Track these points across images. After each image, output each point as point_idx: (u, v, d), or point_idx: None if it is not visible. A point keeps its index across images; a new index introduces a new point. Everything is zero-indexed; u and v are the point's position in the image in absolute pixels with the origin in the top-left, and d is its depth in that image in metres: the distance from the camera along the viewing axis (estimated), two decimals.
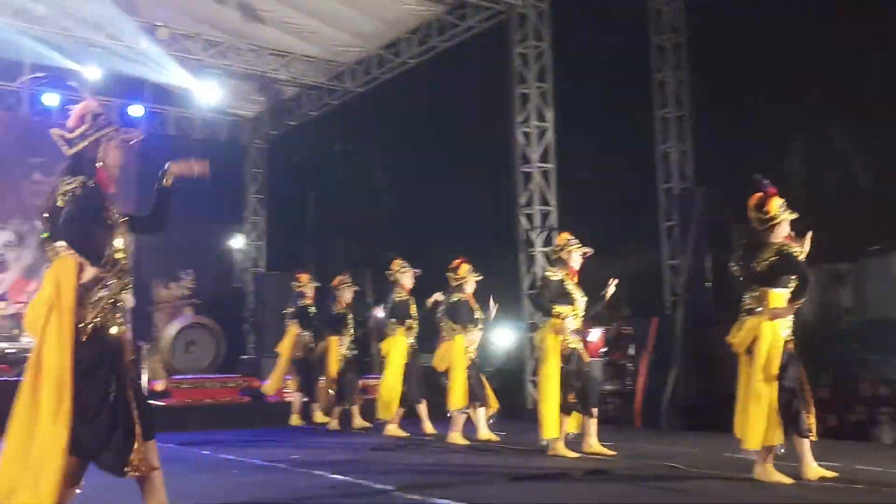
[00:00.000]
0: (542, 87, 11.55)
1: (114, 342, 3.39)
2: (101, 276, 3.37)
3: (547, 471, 6.05)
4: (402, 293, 8.90)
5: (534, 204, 11.34)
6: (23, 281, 14.35)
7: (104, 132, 3.50)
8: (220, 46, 13.46)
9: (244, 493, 5.24)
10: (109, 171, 3.51)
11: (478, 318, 8.15)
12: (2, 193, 14.40)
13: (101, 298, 3.37)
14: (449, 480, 5.79)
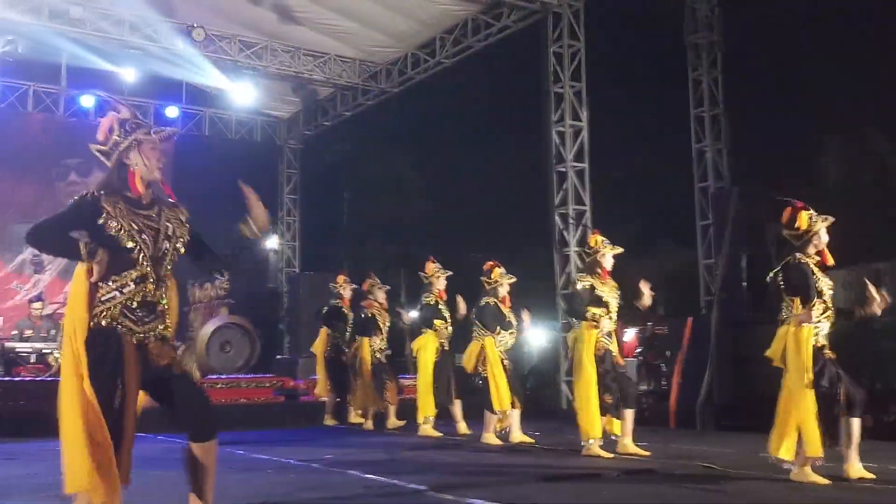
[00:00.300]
0: (576, 87, 11.49)
1: (124, 346, 3.39)
2: (111, 279, 3.39)
3: (581, 471, 6.00)
4: (432, 295, 8.92)
5: (568, 203, 11.27)
6: (59, 282, 14.59)
7: (133, 137, 3.52)
8: (256, 48, 13.56)
9: (278, 493, 5.26)
10: (147, 175, 3.53)
11: (508, 321, 8.10)
12: (39, 194, 14.65)
13: (111, 300, 3.39)
14: (482, 480, 5.77)
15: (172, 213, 3.60)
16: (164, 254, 3.50)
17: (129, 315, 3.41)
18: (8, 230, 14.42)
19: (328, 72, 14.27)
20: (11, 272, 14.36)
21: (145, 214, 3.49)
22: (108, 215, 3.39)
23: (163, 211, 3.57)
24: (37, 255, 14.50)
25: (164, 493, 3.39)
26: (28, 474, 5.90)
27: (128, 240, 3.39)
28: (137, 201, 3.50)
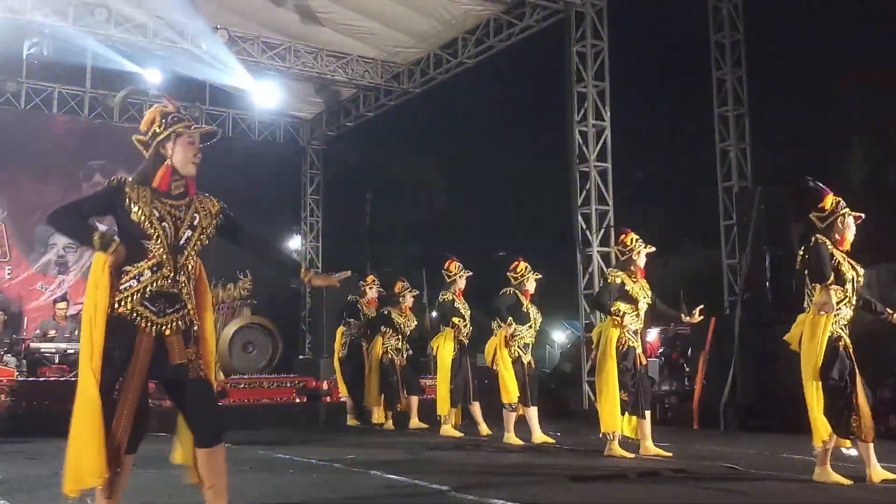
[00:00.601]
0: (599, 86, 11.44)
1: (138, 335, 3.41)
2: (129, 266, 3.41)
3: (603, 471, 5.97)
4: (450, 293, 8.91)
5: (591, 203, 11.22)
6: (83, 282, 14.66)
7: (172, 129, 3.55)
8: (279, 49, 13.62)
9: (300, 493, 5.27)
10: (182, 168, 3.55)
11: (527, 315, 8.06)
12: (64, 195, 14.74)
13: (129, 289, 3.41)
14: (505, 481, 5.75)
15: (202, 205, 3.63)
16: (185, 243, 3.51)
17: (147, 305, 3.42)
18: (33, 231, 14.59)
19: (351, 72, 14.29)
20: (36, 273, 14.51)
21: (172, 204, 3.52)
22: (129, 201, 3.42)
23: (193, 202, 3.60)
24: (62, 255, 14.66)
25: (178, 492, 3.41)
26: (51, 473, 5.94)
27: (147, 226, 3.41)
28: (166, 191, 3.53)
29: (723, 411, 9.34)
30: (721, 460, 6.40)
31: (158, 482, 4.85)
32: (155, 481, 4.89)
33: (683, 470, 5.98)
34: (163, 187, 3.53)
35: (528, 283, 8.08)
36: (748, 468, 5.97)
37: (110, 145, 14.69)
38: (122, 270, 3.41)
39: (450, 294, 8.92)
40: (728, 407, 9.32)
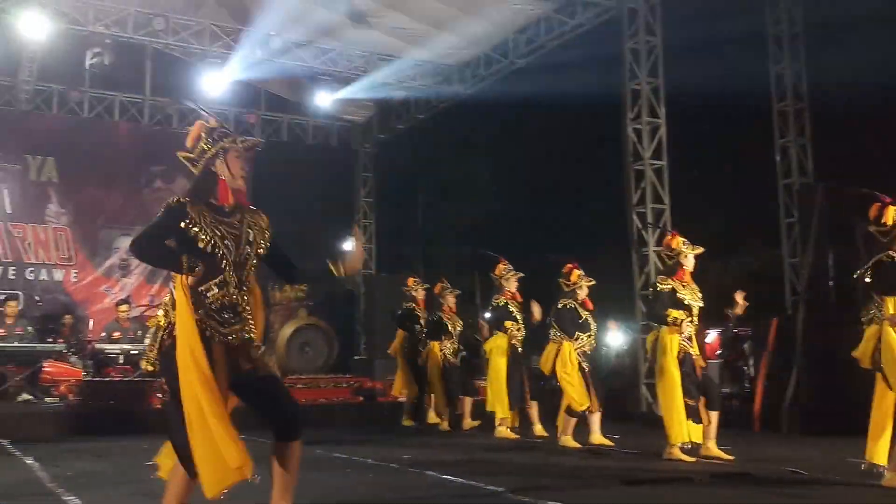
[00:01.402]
0: (653, 83, 11.30)
1: (212, 348, 3.44)
2: (199, 284, 3.47)
3: (662, 475, 5.89)
4: (501, 297, 8.89)
5: (646, 202, 11.09)
6: (145, 285, 15.09)
7: (220, 145, 3.60)
8: (332, 53, 13.75)
9: (357, 492, 5.32)
10: (231, 182, 3.61)
11: (587, 324, 8.01)
12: (126, 200, 15.15)
13: (201, 304, 3.46)
14: (561, 483, 5.72)
15: (254, 220, 3.66)
16: (245, 259, 3.57)
17: (214, 317, 3.48)
18: (97, 236, 14.96)
19: (402, 75, 14.35)
20: (100, 276, 14.88)
21: (228, 221, 3.57)
22: (192, 221, 3.47)
23: (245, 217, 3.64)
24: (124, 259, 15.01)
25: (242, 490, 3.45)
26: (116, 471, 6.09)
27: (211, 246, 3.47)
28: (220, 208, 3.58)
29: (785, 414, 9.15)
30: (783, 464, 6.27)
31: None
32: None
33: (744, 473, 5.87)
34: (224, 202, 3.59)
35: (581, 291, 8.02)
36: (812, 473, 5.84)
37: (170, 151, 14.92)
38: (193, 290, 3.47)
39: (503, 298, 8.90)
40: (791, 409, 9.13)
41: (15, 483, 5.48)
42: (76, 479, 5.55)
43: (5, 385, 10.67)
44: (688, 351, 6.66)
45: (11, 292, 12.98)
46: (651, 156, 11.18)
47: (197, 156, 3.62)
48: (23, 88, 14.32)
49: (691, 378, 6.62)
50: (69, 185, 14.77)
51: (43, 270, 14.43)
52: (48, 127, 14.84)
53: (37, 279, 14.32)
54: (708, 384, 6.78)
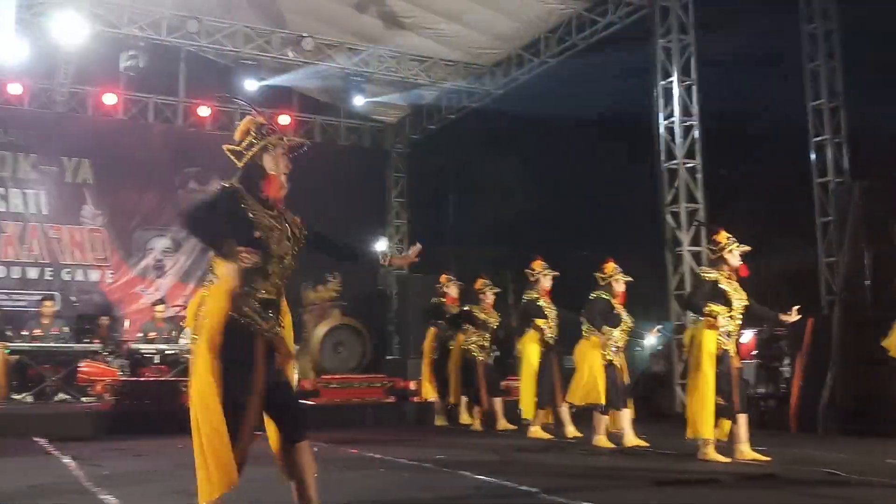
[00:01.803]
0: (686, 81, 11.22)
1: (256, 343, 3.48)
2: (247, 275, 3.48)
3: (696, 475, 5.84)
4: (534, 294, 8.85)
5: (680, 201, 11.00)
6: (180, 285, 15.23)
7: (267, 140, 3.63)
8: (363, 54, 13.79)
9: (390, 492, 5.33)
10: (276, 179, 3.64)
11: (619, 318, 7.94)
12: (160, 202, 15.31)
13: (244, 297, 3.48)
14: (595, 484, 5.70)
15: (290, 218, 3.71)
16: (284, 254, 3.60)
17: (259, 313, 3.51)
18: (132, 237, 15.13)
19: (433, 75, 14.38)
20: (135, 276, 15.04)
21: (272, 215, 3.61)
22: (247, 209, 3.52)
23: (282, 214, 3.68)
24: (159, 260, 15.18)
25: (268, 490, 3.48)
26: (153, 470, 6.16)
27: (261, 236, 3.51)
28: (265, 201, 3.61)
29: (822, 414, 9.03)
30: (820, 465, 6.19)
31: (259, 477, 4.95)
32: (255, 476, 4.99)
33: (780, 475, 5.81)
34: (272, 194, 3.62)
35: (616, 285, 7.95)
36: (850, 473, 5.75)
37: (203, 153, 15.14)
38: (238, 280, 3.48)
39: (534, 294, 8.86)
40: (827, 410, 9.00)
41: (52, 481, 5.56)
42: (112, 478, 5.62)
43: (43, 385, 10.83)
44: (725, 348, 6.57)
45: (48, 293, 13.20)
46: (685, 155, 11.09)
47: (243, 149, 3.66)
48: (59, 91, 14.53)
49: (725, 377, 6.54)
50: (104, 186, 14.95)
51: (79, 271, 14.62)
52: (83, 129, 15.03)
53: (73, 280, 14.51)
54: (738, 385, 6.69)
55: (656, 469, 6.31)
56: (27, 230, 14.34)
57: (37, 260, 14.34)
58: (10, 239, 14.19)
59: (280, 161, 3.65)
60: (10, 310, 13.35)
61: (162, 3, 12.49)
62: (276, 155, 3.65)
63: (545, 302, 8.87)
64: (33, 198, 14.49)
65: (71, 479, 5.63)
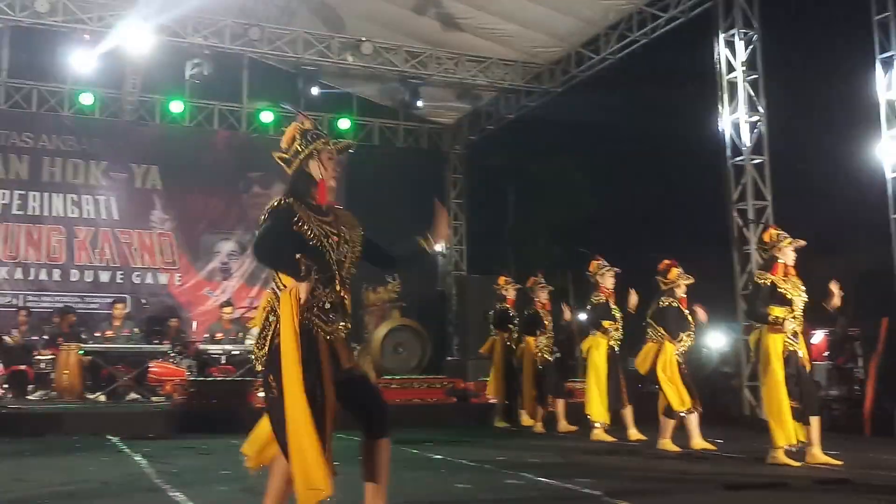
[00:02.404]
0: (751, 75, 10.98)
1: (320, 346, 3.51)
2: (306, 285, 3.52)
3: (765, 480, 5.71)
4: (601, 295, 8.75)
5: (747, 198, 10.78)
6: (245, 287, 15.49)
7: (313, 146, 3.66)
8: (421, 57, 13.84)
9: (451, 493, 5.32)
10: (323, 183, 3.67)
11: (688, 323, 7.80)
12: (226, 206, 15.61)
13: (308, 303, 3.52)
14: (659, 487, 5.60)
15: (345, 219, 3.73)
16: (344, 257, 3.63)
17: (321, 316, 3.55)
18: (199, 241, 15.44)
19: (491, 76, 14.33)
20: (202, 279, 15.34)
21: (326, 220, 3.63)
22: (301, 220, 3.55)
23: (337, 217, 3.70)
24: (225, 263, 15.46)
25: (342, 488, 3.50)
26: (220, 468, 6.26)
27: (318, 244, 3.54)
28: (318, 208, 3.64)
29: None
30: (894, 470, 5.98)
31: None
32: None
33: (853, 479, 5.64)
34: (321, 201, 3.65)
35: (679, 290, 7.82)
36: None
37: (266, 158, 15.22)
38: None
39: (601, 296, 8.77)
40: None
41: (124, 479, 5.69)
42: (181, 476, 5.73)
43: (115, 385, 11.11)
44: (792, 349, 6.41)
45: (119, 295, 13.53)
46: (751, 151, 10.86)
47: (291, 156, 3.70)
48: (127, 100, 14.90)
49: (794, 379, 6.39)
50: (172, 191, 15.29)
51: (148, 274, 14.97)
52: (151, 136, 15.40)
53: (143, 283, 14.87)
54: (810, 387, 6.52)
55: (723, 473, 6.18)
56: (99, 235, 14.75)
57: (108, 264, 14.73)
58: (82, 244, 14.61)
59: (327, 165, 3.67)
60: (83, 312, 13.75)
61: (225, 12, 12.72)
62: (323, 160, 3.67)
63: (610, 302, 8.76)
64: (104, 204, 14.90)
65: (142, 477, 5.76)
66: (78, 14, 11.99)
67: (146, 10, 11.88)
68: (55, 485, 5.32)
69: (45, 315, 13.36)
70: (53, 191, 14.59)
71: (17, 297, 13.95)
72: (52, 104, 14.78)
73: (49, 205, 14.53)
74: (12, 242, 14.21)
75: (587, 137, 16.65)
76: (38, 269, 14.27)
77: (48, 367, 11.44)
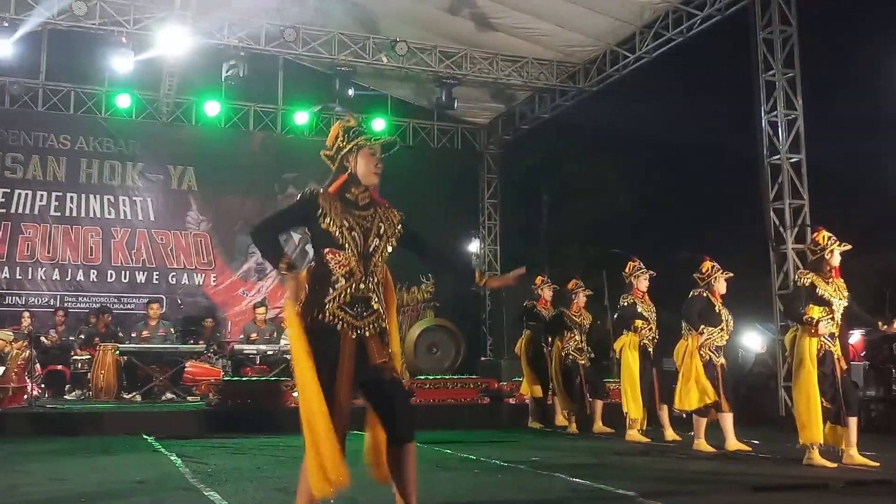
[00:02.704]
0: (788, 73, 10.84)
1: (342, 342, 3.53)
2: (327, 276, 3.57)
3: (801, 481, 5.63)
4: (630, 296, 8.70)
5: (784, 198, 10.64)
6: (280, 287, 15.57)
7: (355, 142, 3.70)
8: (456, 57, 13.84)
9: (485, 493, 5.31)
10: (364, 178, 3.70)
11: (718, 317, 7.69)
12: (261, 207, 15.69)
13: (328, 296, 3.55)
14: (694, 488, 5.54)
15: (386, 215, 3.74)
16: (373, 251, 3.64)
17: (346, 310, 3.57)
18: (234, 241, 15.58)
19: (526, 75, 14.30)
20: (238, 279, 15.48)
21: (360, 214, 3.66)
22: (323, 212, 3.60)
23: (377, 212, 3.72)
24: (260, 263, 15.58)
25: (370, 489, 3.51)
26: (255, 467, 6.31)
27: (339, 236, 3.58)
28: (354, 202, 3.68)
29: None
30: None
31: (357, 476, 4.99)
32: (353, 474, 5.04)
33: (886, 481, 5.54)
34: (360, 197, 3.69)
35: (716, 283, 7.73)
36: None
37: (302, 159, 15.48)
38: (321, 280, 3.58)
39: (631, 297, 8.72)
40: None
41: (159, 478, 5.76)
42: (216, 475, 5.78)
43: (150, 384, 11.24)
44: (829, 350, 6.33)
45: (154, 296, 13.70)
46: (788, 149, 10.73)
47: (334, 153, 3.75)
48: (164, 101, 15.08)
49: (829, 379, 6.31)
50: (208, 192, 15.45)
51: (184, 275, 15.14)
52: (188, 137, 15.57)
53: (178, 283, 15.04)
54: (847, 387, 6.42)
55: (759, 474, 6.11)
56: (135, 236, 14.94)
57: (144, 264, 14.91)
58: (119, 244, 14.81)
59: (370, 161, 3.70)
60: (119, 312, 13.94)
61: (261, 14, 12.82)
62: (364, 155, 3.70)
63: (641, 304, 8.71)
64: (141, 205, 15.09)
65: (177, 476, 5.81)
66: (115, 17, 12.14)
67: (182, 13, 12.01)
68: (92, 484, 5.39)
69: (81, 315, 13.58)
70: (91, 192, 14.81)
71: (55, 298, 14.18)
72: (90, 106, 15.00)
73: (86, 206, 14.74)
74: (50, 243, 14.43)
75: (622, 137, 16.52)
76: (75, 270, 14.49)
77: (85, 367, 11.60)
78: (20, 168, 14.51)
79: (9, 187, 14.36)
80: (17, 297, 14.08)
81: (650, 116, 14.87)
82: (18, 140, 14.54)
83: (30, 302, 13.95)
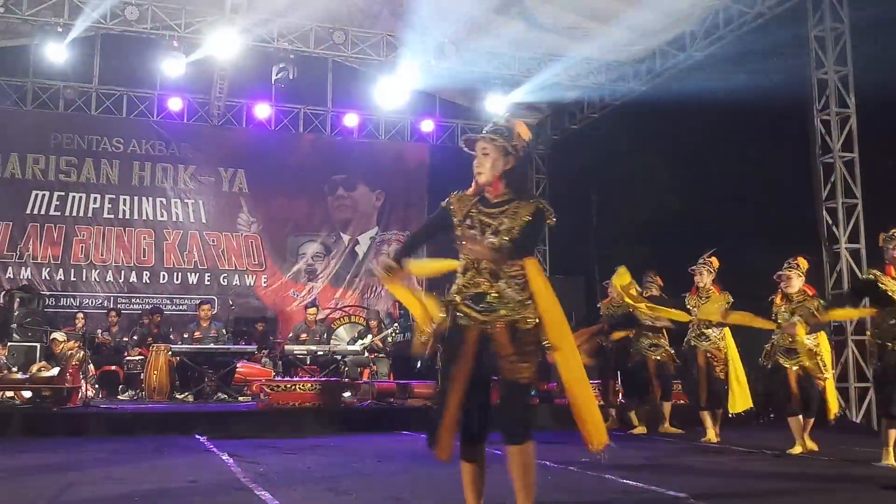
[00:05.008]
0: (841, 71, 10.63)
1: (464, 337, 3.63)
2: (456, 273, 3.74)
3: (860, 482, 5.51)
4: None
5: (837, 197, 10.44)
6: (330, 288, 15.73)
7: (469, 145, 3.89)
8: (504, 57, 13.81)
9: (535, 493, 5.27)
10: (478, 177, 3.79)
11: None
12: (311, 209, 15.87)
13: (452, 293, 3.71)
14: (747, 490, 5.46)
15: (517, 210, 3.71)
16: (490, 247, 3.64)
17: (471, 305, 3.64)
18: (285, 243, 15.75)
19: (574, 74, 14.21)
20: (288, 280, 15.64)
21: (486, 211, 3.73)
22: (451, 211, 3.77)
23: (509, 208, 3.72)
24: (311, 264, 15.73)
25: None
26: (305, 467, 6.36)
27: (458, 234, 3.73)
28: (487, 199, 3.77)
29: None
30: None
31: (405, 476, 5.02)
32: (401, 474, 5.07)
33: None
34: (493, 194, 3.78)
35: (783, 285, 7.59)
36: None
37: (351, 160, 15.58)
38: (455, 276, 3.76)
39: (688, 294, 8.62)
40: None
41: (212, 478, 5.81)
42: (267, 475, 5.81)
43: (202, 384, 11.39)
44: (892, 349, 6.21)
45: (206, 297, 13.91)
46: (841, 148, 10.52)
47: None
48: (215, 104, 15.30)
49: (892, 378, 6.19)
50: (258, 195, 15.63)
51: (235, 276, 15.34)
52: (238, 140, 15.78)
53: (230, 284, 15.25)
54: None
55: (818, 475, 6.00)
56: (187, 238, 15.18)
57: (196, 266, 15.14)
58: (171, 246, 15.06)
59: (482, 161, 3.80)
60: (171, 314, 14.18)
61: (310, 17, 12.94)
62: (477, 156, 3.82)
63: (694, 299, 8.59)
64: (192, 207, 15.33)
65: (229, 476, 5.86)
66: (166, 21, 12.36)
67: (232, 16, 12.18)
68: (145, 484, 5.45)
69: (134, 316, 13.83)
70: (143, 194, 15.09)
71: (109, 299, 14.47)
72: (142, 109, 15.29)
73: (139, 208, 15.02)
74: (104, 245, 14.73)
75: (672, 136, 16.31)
76: (128, 272, 14.77)
77: (138, 368, 11.80)
78: (74, 171, 14.84)
79: (63, 190, 14.70)
80: (71, 298, 14.41)
81: (702, 115, 14.65)
82: (72, 144, 14.89)
83: (83, 303, 14.27)
